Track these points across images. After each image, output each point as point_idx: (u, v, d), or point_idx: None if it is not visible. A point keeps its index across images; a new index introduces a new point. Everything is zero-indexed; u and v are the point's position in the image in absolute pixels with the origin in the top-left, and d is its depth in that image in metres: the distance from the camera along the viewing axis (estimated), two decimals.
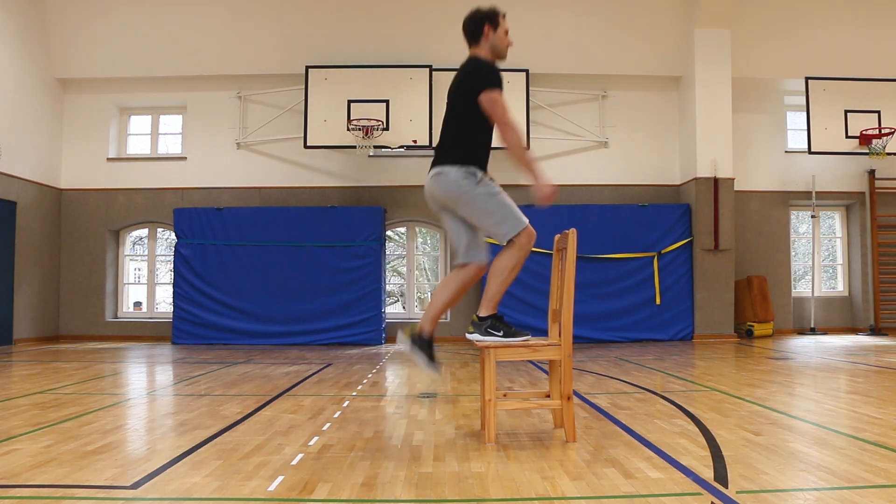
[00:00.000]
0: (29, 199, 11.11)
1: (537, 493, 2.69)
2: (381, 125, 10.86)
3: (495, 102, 3.66)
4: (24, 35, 11.09)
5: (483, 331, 3.69)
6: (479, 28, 3.83)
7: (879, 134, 11.34)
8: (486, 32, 3.83)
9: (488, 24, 3.82)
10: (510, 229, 3.65)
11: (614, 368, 7.19)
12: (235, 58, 11.63)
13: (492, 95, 3.66)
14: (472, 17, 3.86)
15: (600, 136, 11.89)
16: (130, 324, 11.90)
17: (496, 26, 3.84)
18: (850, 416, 4.28)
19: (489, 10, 3.86)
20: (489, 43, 3.84)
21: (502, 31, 3.86)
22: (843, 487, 2.71)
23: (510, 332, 3.68)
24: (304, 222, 11.08)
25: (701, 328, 11.03)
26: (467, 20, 3.86)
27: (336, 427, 4.09)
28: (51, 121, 11.75)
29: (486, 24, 3.82)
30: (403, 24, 11.53)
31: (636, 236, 11.07)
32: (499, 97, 3.66)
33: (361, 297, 10.91)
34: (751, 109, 12.13)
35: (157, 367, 7.81)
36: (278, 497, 2.68)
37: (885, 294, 12.03)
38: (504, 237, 3.67)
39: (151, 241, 12.48)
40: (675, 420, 4.21)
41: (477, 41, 3.86)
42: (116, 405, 5.00)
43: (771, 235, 12.16)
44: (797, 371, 6.80)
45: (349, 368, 7.42)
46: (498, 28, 3.84)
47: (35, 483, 2.86)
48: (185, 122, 12.23)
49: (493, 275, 3.70)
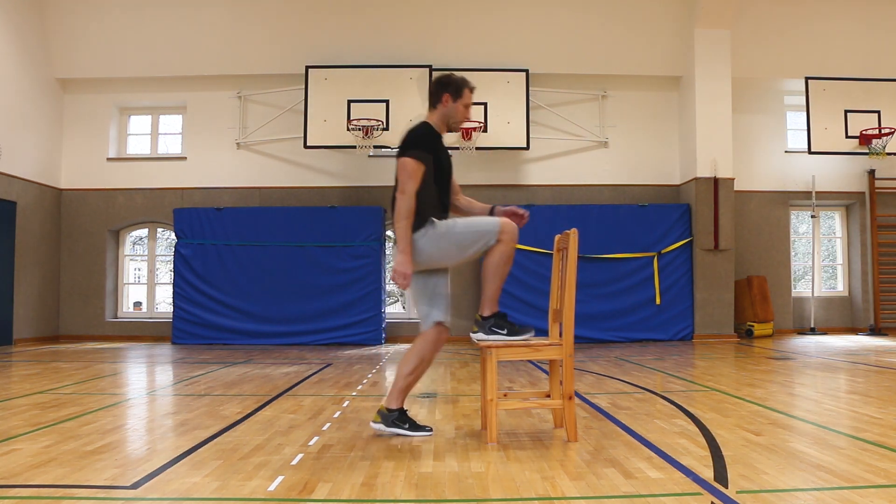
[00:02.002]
0: (29, 199, 11.10)
1: (537, 493, 2.69)
2: (381, 125, 10.86)
3: (402, 168, 3.67)
4: (24, 35, 11.09)
5: (487, 329, 3.71)
6: (439, 95, 3.82)
7: (879, 134, 11.34)
8: (444, 100, 3.80)
9: (449, 93, 3.79)
10: (489, 238, 3.66)
11: (614, 368, 7.19)
12: (235, 58, 11.63)
13: (403, 160, 3.67)
14: (437, 81, 3.85)
15: (600, 136, 11.89)
16: (130, 324, 11.90)
17: (456, 98, 3.80)
18: (850, 416, 4.28)
19: (457, 78, 3.83)
20: (445, 111, 3.82)
21: (462, 104, 3.82)
22: (843, 487, 2.71)
23: (514, 330, 3.69)
24: (303, 222, 11.08)
25: (701, 328, 11.03)
26: (433, 82, 3.86)
27: (336, 427, 4.09)
28: (51, 121, 11.75)
29: (447, 93, 3.80)
30: (403, 24, 11.53)
31: (636, 236, 11.07)
32: (409, 163, 3.64)
33: (361, 297, 10.91)
34: (751, 109, 12.13)
35: (156, 368, 7.81)
36: (278, 497, 2.68)
37: (885, 294, 12.03)
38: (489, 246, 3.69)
39: (151, 241, 12.48)
40: (675, 420, 4.21)
41: (434, 106, 3.85)
42: (116, 405, 5.00)
43: (771, 235, 12.16)
44: (797, 371, 6.80)
45: (349, 368, 7.42)
46: (458, 100, 3.81)
47: (35, 483, 2.86)
48: (184, 122, 12.23)
49: (487, 274, 3.71)
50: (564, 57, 11.67)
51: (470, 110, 3.89)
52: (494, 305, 3.74)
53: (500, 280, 3.71)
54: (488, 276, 3.71)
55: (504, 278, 3.72)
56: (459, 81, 3.83)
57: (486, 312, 3.73)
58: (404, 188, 3.65)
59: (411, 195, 3.64)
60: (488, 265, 3.71)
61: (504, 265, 3.69)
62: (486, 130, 11.16)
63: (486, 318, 3.73)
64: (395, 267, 3.66)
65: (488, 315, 3.72)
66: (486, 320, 3.73)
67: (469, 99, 3.85)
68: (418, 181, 3.67)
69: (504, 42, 11.56)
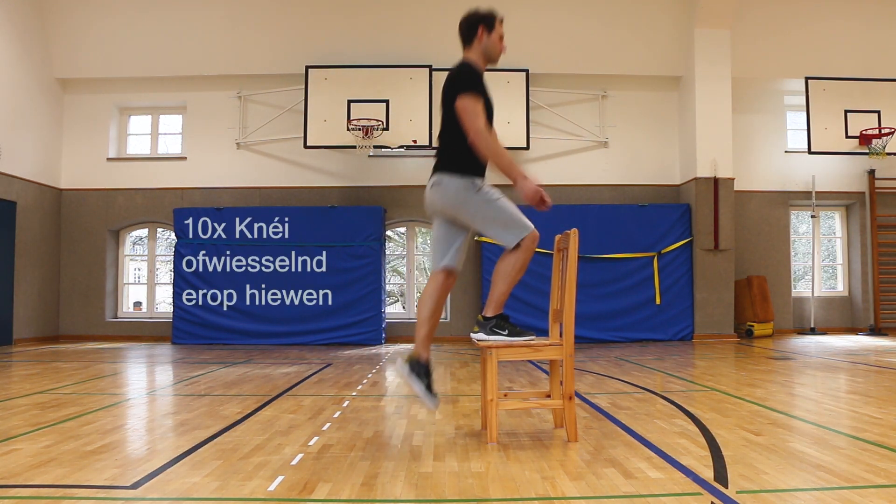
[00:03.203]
0: (29, 199, 11.10)
1: (537, 493, 2.69)
2: (381, 125, 10.86)
3: (463, 109, 3.60)
4: (24, 35, 11.08)
5: (488, 330, 3.70)
6: (474, 30, 3.78)
7: (879, 134, 11.34)
8: (479, 35, 3.77)
9: (483, 26, 3.76)
10: (515, 235, 3.63)
11: (614, 368, 7.19)
12: (235, 58, 11.63)
13: (462, 102, 3.60)
14: (467, 18, 3.80)
15: (600, 136, 11.89)
16: (130, 324, 11.90)
17: (491, 29, 3.78)
18: (850, 416, 4.28)
19: (486, 11, 3.80)
20: (482, 46, 3.79)
21: (497, 35, 3.79)
22: (843, 487, 2.71)
23: (515, 332, 3.69)
24: (303, 222, 11.08)
25: (701, 328, 11.03)
26: (463, 21, 3.81)
27: (336, 427, 4.09)
28: (51, 121, 11.75)
29: (481, 26, 3.76)
30: (403, 24, 11.53)
31: (636, 236, 11.07)
32: (469, 103, 3.58)
33: (361, 297, 10.92)
34: (751, 109, 12.13)
35: (156, 367, 7.81)
36: (278, 497, 2.68)
37: (885, 294, 12.03)
38: (510, 243, 3.65)
39: (151, 241, 12.48)
40: (675, 420, 4.21)
41: (470, 43, 3.80)
42: (116, 405, 5.00)
43: (771, 235, 12.16)
44: (797, 371, 6.80)
45: (349, 368, 7.42)
46: (493, 32, 3.78)
47: (35, 483, 2.86)
48: (185, 122, 12.23)
49: (498, 276, 3.70)
50: (564, 57, 11.68)
51: (503, 41, 3.85)
52: (499, 307, 3.73)
53: (510, 285, 3.69)
54: (499, 278, 3.70)
55: (513, 285, 3.71)
56: (489, 13, 3.80)
57: (490, 313, 3.72)
58: (475, 126, 3.55)
59: (485, 131, 3.56)
60: (502, 267, 3.69)
61: (518, 272, 3.68)
62: None
63: (489, 318, 3.72)
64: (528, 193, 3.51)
65: (491, 316, 3.72)
66: (487, 321, 3.72)
67: (502, 29, 3.82)
68: (483, 116, 3.61)
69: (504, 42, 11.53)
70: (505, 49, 3.89)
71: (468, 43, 3.81)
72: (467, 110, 3.59)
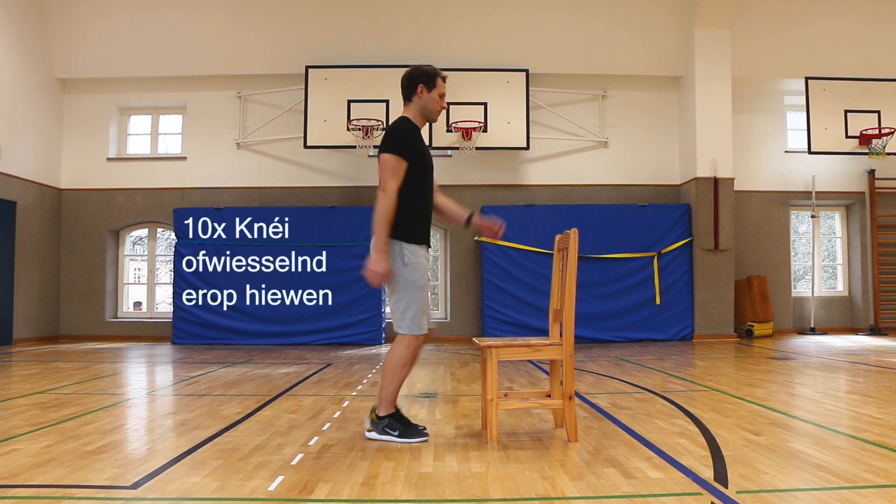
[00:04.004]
0: (29, 199, 11.10)
1: (537, 493, 2.69)
2: (381, 125, 10.86)
3: (382, 166, 3.59)
4: (24, 35, 11.08)
5: (381, 430, 3.66)
6: (413, 87, 3.76)
7: (879, 134, 11.34)
8: (419, 92, 3.75)
9: (423, 84, 3.74)
10: (406, 328, 3.64)
11: (614, 368, 7.19)
12: (235, 58, 11.63)
13: (384, 158, 3.59)
14: (408, 75, 3.79)
15: (600, 136, 11.89)
16: (130, 324, 11.90)
17: (431, 88, 3.75)
18: (850, 416, 4.28)
19: (427, 69, 3.78)
20: (421, 103, 3.77)
21: (437, 93, 3.77)
22: (843, 487, 2.71)
23: (407, 432, 3.65)
24: (303, 222, 11.08)
25: (701, 328, 11.03)
26: (404, 77, 3.80)
27: (336, 427, 4.09)
28: (51, 121, 11.75)
29: (421, 84, 3.74)
30: (403, 24, 11.53)
31: (636, 236, 11.06)
32: (389, 161, 3.57)
33: (361, 297, 10.91)
34: (751, 109, 12.13)
35: (157, 367, 7.81)
36: (278, 497, 2.68)
37: (885, 294, 12.03)
38: (398, 328, 3.67)
39: (151, 241, 12.47)
40: (675, 420, 4.21)
41: (409, 99, 3.79)
42: (116, 405, 5.00)
43: (771, 235, 12.16)
44: (797, 371, 6.80)
45: (349, 368, 7.42)
46: (433, 90, 3.76)
47: (35, 483, 2.86)
48: (185, 122, 12.23)
49: (386, 373, 3.68)
50: (564, 57, 11.67)
51: (444, 100, 3.84)
52: (391, 406, 3.69)
53: (399, 382, 3.68)
54: (387, 376, 3.67)
55: (401, 381, 3.69)
56: (431, 71, 3.78)
57: (382, 412, 3.67)
58: (385, 186, 3.56)
59: (393, 193, 3.56)
60: (390, 364, 3.67)
61: (403, 368, 3.66)
62: (486, 130, 11.16)
63: (382, 418, 3.68)
64: (370, 265, 3.55)
65: (384, 415, 3.67)
66: (381, 420, 3.68)
67: (443, 88, 3.81)
68: (400, 178, 3.60)
69: (504, 42, 11.56)
70: (445, 107, 3.87)
71: (408, 99, 3.80)
72: (385, 167, 3.59)
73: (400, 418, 3.70)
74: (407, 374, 3.71)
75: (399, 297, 3.65)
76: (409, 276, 3.62)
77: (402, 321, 3.65)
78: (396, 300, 3.66)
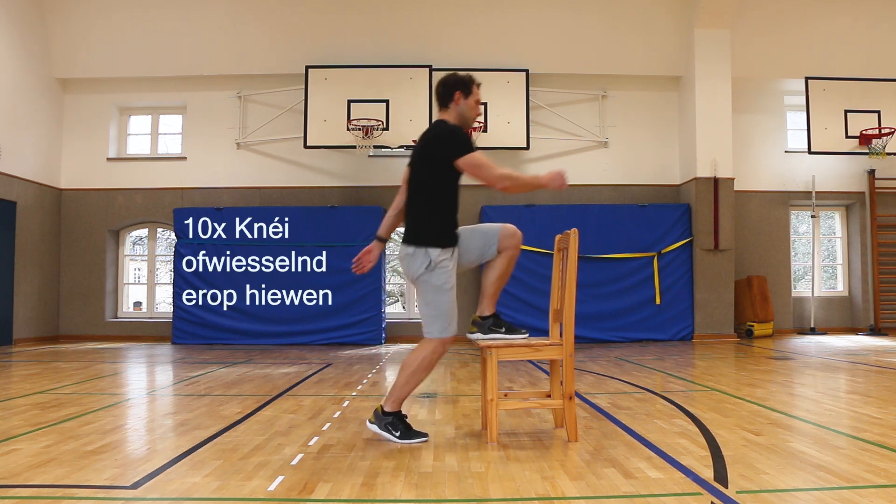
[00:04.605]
0: (29, 199, 11.10)
1: (537, 493, 2.69)
2: (381, 125, 10.86)
3: (480, 167, 3.65)
4: (24, 35, 11.08)
5: (383, 426, 3.68)
6: (451, 93, 3.80)
7: (879, 134, 11.34)
8: (456, 98, 3.80)
9: (460, 91, 3.79)
10: (433, 331, 3.67)
11: (614, 368, 7.19)
12: (235, 58, 11.63)
13: (472, 160, 3.64)
14: (444, 82, 3.84)
15: (600, 136, 11.89)
16: (130, 324, 11.90)
17: (468, 94, 3.81)
18: (850, 416, 4.28)
19: (464, 76, 3.84)
20: (458, 110, 3.81)
21: (473, 100, 3.82)
22: (843, 487, 2.71)
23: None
24: (303, 222, 11.08)
25: (701, 328, 11.03)
26: (440, 83, 3.85)
27: (336, 427, 4.09)
28: (51, 121, 11.75)
29: (458, 91, 3.79)
30: (403, 24, 11.53)
31: (636, 236, 11.06)
32: (477, 158, 3.65)
33: (361, 297, 10.92)
34: (751, 109, 12.13)
35: (157, 367, 7.81)
36: (278, 497, 2.68)
37: (885, 294, 12.03)
38: (426, 333, 3.70)
39: (151, 241, 12.48)
40: (675, 420, 4.21)
41: (446, 106, 3.83)
42: (116, 405, 5.00)
43: (771, 235, 12.16)
44: (797, 371, 6.80)
45: (349, 368, 7.42)
46: (469, 97, 3.81)
47: (35, 483, 2.86)
48: (185, 122, 12.23)
49: (403, 371, 3.71)
50: (564, 57, 11.68)
51: (479, 106, 3.91)
52: (397, 405, 3.71)
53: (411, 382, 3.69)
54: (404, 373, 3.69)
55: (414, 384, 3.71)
56: (467, 79, 3.85)
57: (388, 408, 3.71)
58: (493, 175, 3.65)
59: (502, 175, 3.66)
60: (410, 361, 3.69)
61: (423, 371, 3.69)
62: (486, 130, 11.17)
63: (386, 413, 3.70)
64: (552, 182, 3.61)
65: (388, 412, 3.70)
66: (385, 416, 3.70)
67: (478, 95, 3.87)
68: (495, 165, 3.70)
69: (504, 42, 11.56)
70: (480, 114, 3.95)
71: (444, 106, 3.84)
72: (480, 165, 3.66)
73: (403, 420, 3.71)
74: (424, 377, 3.74)
75: (426, 300, 3.69)
76: (436, 280, 3.65)
77: (432, 326, 3.68)
78: (424, 304, 3.71)
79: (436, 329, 3.67)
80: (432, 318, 3.68)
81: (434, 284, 3.66)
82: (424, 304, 3.71)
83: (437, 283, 3.66)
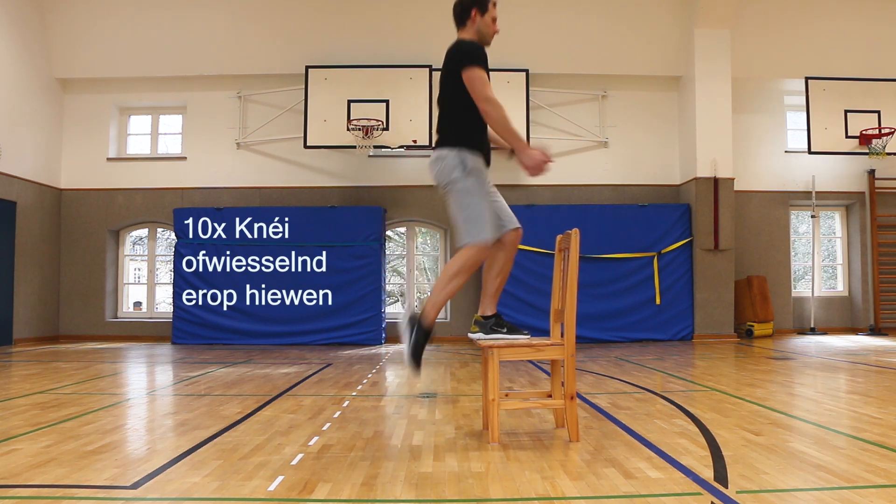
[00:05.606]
0: (29, 199, 11.10)
1: (537, 493, 2.69)
2: (381, 125, 10.86)
3: (473, 79, 3.65)
4: (24, 35, 11.08)
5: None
6: (467, 11, 3.84)
7: (879, 134, 11.34)
8: (473, 16, 3.83)
9: (476, 8, 3.82)
10: (468, 237, 3.62)
11: (614, 368, 7.19)
12: (235, 58, 11.63)
13: (470, 72, 3.65)
14: (460, 1, 3.88)
15: (600, 136, 11.89)
16: (130, 324, 11.90)
17: (484, 11, 3.84)
18: (850, 416, 4.28)
19: None
20: (475, 27, 3.85)
21: (490, 17, 3.85)
22: (843, 487, 2.71)
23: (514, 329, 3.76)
24: (303, 222, 11.09)
25: (701, 328, 11.03)
26: (457, 3, 3.88)
27: (336, 427, 4.09)
28: (51, 121, 11.75)
29: (475, 8, 3.83)
30: (403, 24, 11.52)
31: (636, 236, 11.07)
32: (478, 73, 3.64)
33: (361, 297, 10.92)
34: (751, 109, 12.13)
35: (157, 367, 7.81)
36: (278, 497, 2.68)
37: (885, 294, 12.03)
38: (460, 241, 3.67)
39: (151, 241, 12.47)
40: (675, 420, 4.20)
41: (464, 24, 3.87)
42: (116, 405, 5.00)
43: (771, 235, 12.16)
44: (797, 371, 6.80)
45: (349, 368, 7.42)
46: (486, 14, 3.84)
47: (35, 483, 2.86)
48: (185, 122, 12.23)
49: (440, 280, 3.67)
50: (564, 57, 11.68)
51: (496, 24, 3.90)
52: (434, 314, 3.67)
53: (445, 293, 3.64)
54: (439, 281, 3.67)
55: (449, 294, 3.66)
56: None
57: (425, 320, 3.66)
58: (486, 95, 3.60)
59: (497, 100, 3.62)
60: (445, 270, 3.67)
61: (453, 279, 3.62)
62: None
63: (487, 318, 3.72)
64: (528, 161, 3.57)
65: (427, 326, 3.65)
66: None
67: (495, 12, 3.87)
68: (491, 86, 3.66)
69: (504, 42, 11.39)
70: (498, 31, 3.93)
71: (462, 24, 3.89)
72: (477, 79, 3.65)
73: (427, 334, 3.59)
74: (463, 282, 3.64)
75: (461, 205, 3.62)
76: (471, 184, 3.63)
77: (467, 234, 3.61)
78: (459, 210, 3.64)
79: (472, 234, 3.59)
80: (468, 222, 3.60)
81: (468, 188, 3.62)
82: (459, 210, 3.63)
83: (473, 188, 3.62)
